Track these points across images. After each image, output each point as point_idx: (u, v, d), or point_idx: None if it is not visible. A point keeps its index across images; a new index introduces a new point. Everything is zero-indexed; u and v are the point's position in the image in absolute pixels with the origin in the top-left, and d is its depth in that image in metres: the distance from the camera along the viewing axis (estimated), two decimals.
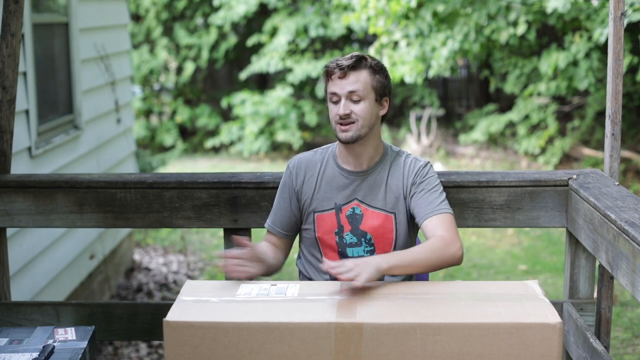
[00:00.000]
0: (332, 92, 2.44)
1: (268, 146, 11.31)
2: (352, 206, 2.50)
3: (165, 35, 12.46)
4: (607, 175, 2.84)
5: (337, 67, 2.42)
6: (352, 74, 2.41)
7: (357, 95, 2.41)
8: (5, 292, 3.04)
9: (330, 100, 2.45)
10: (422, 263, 2.30)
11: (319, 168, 2.55)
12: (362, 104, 2.42)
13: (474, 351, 1.99)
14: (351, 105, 2.41)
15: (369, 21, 8.29)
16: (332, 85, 2.43)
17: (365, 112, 2.42)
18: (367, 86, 2.42)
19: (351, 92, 2.41)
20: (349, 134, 2.42)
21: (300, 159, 2.59)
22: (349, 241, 2.50)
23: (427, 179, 2.49)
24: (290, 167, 2.59)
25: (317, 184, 2.53)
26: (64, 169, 4.95)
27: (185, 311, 2.09)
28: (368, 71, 2.43)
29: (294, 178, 2.56)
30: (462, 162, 10.80)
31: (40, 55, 4.81)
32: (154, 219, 2.95)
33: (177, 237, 7.36)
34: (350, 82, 2.41)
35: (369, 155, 2.50)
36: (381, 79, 2.46)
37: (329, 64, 2.45)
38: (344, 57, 2.44)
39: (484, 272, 6.16)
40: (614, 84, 2.78)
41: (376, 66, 2.45)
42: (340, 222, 2.50)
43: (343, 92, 2.41)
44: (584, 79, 8.22)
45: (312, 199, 2.53)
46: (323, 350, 2.00)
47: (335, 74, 2.42)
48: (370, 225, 2.49)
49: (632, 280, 2.21)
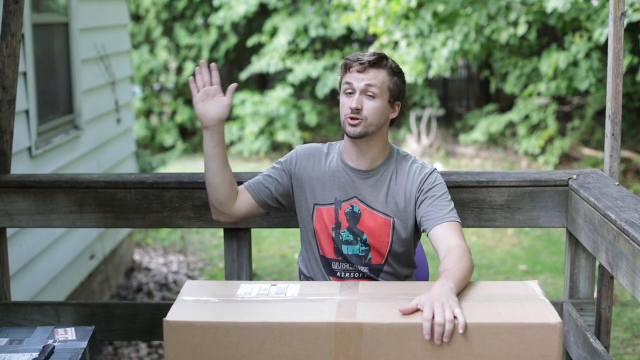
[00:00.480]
0: (347, 82, 2.41)
1: (268, 146, 11.31)
2: (352, 204, 2.48)
3: (165, 35, 12.47)
4: (607, 175, 2.84)
5: (357, 61, 2.40)
6: (371, 70, 2.39)
7: (372, 92, 2.39)
8: (5, 292, 3.04)
9: (344, 91, 2.42)
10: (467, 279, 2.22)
11: (324, 160, 2.53)
12: (375, 101, 2.40)
13: (473, 351, 1.99)
14: (364, 101, 2.39)
15: (369, 21, 8.29)
16: (349, 77, 2.41)
17: (376, 111, 2.40)
18: (383, 85, 2.40)
19: (368, 85, 2.38)
20: (357, 129, 2.40)
21: (308, 146, 2.58)
22: (345, 238, 2.49)
23: (435, 186, 2.45)
24: (298, 149, 2.58)
25: (320, 176, 2.51)
26: (64, 169, 4.95)
27: (185, 311, 2.09)
28: (387, 71, 2.41)
29: (297, 160, 2.54)
30: (462, 162, 10.80)
31: (40, 55, 4.81)
32: (154, 219, 2.95)
33: (177, 237, 7.37)
34: (368, 78, 2.39)
35: (374, 155, 2.48)
36: (398, 82, 2.44)
37: (349, 56, 2.43)
38: (366, 54, 2.43)
39: (484, 272, 6.16)
40: (614, 84, 2.78)
41: (395, 68, 2.44)
42: (338, 218, 2.48)
43: (359, 85, 2.39)
44: (584, 79, 8.22)
45: (313, 190, 2.51)
46: (323, 350, 2.00)
47: (355, 67, 2.40)
48: (367, 226, 2.48)
49: (632, 280, 2.21)
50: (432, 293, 2.06)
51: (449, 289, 2.09)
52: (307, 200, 2.52)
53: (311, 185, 2.51)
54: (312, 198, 2.51)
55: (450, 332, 1.97)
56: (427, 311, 1.99)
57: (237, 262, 2.96)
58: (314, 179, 2.51)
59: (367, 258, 2.50)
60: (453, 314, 1.99)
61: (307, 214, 2.53)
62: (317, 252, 2.53)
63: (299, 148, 2.59)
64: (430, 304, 2.01)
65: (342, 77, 2.45)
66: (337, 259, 2.51)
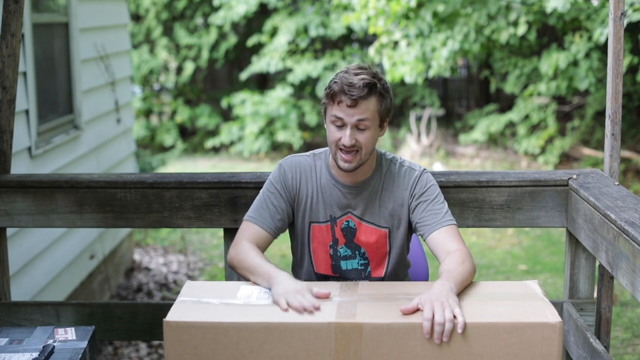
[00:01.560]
0: (337, 117, 2.30)
1: (268, 146, 11.31)
2: (347, 219, 2.45)
3: (165, 35, 12.46)
4: (607, 175, 2.84)
5: (347, 94, 2.26)
6: (362, 102, 2.28)
7: (364, 125, 2.30)
8: (5, 292, 3.04)
9: (333, 123, 2.32)
10: (467, 282, 2.22)
11: (314, 176, 2.46)
12: (367, 132, 2.31)
13: (473, 350, 1.99)
14: (357, 134, 2.30)
15: (369, 21, 8.29)
16: (338, 111, 2.30)
17: (369, 141, 2.33)
18: (374, 114, 2.31)
19: (359, 120, 2.29)
20: (352, 164, 2.33)
21: (293, 161, 2.48)
22: (344, 254, 2.47)
23: (427, 190, 2.42)
24: (284, 167, 2.47)
25: (314, 193, 2.45)
26: (64, 169, 4.95)
27: (185, 311, 2.09)
28: (377, 98, 2.31)
29: (289, 178, 2.46)
30: (462, 162, 10.80)
31: (40, 55, 4.81)
32: (154, 219, 2.95)
33: (177, 237, 7.37)
34: (360, 112, 2.28)
35: (364, 170, 2.42)
36: (387, 104, 2.34)
37: (336, 86, 2.29)
38: (354, 82, 2.27)
39: (484, 272, 6.16)
40: (614, 84, 2.78)
41: (384, 90, 2.33)
42: (335, 235, 2.45)
43: (351, 120, 2.29)
44: (584, 79, 8.22)
45: (308, 208, 2.45)
46: (323, 350, 2.00)
47: (343, 101, 2.28)
48: (363, 240, 2.45)
49: (632, 280, 2.21)
50: (432, 292, 2.06)
51: (449, 288, 2.09)
52: (303, 217, 2.47)
53: (306, 203, 2.46)
54: (308, 216, 2.46)
55: (449, 332, 1.97)
56: (427, 311, 1.99)
57: None
58: (307, 196, 2.46)
59: (367, 272, 2.49)
60: (453, 314, 1.99)
61: (302, 232, 2.48)
62: (312, 269, 2.51)
63: (283, 164, 2.48)
64: (431, 304, 2.01)
65: (329, 107, 2.34)
66: (335, 276, 2.49)
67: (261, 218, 2.43)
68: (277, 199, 2.45)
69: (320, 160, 2.49)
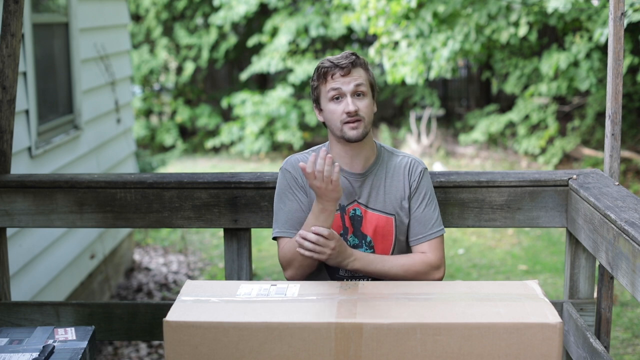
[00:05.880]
0: (334, 89, 2.38)
1: (268, 146, 11.31)
2: (354, 207, 2.47)
3: (165, 35, 12.47)
4: (607, 175, 2.84)
5: (336, 67, 2.38)
6: (353, 70, 2.39)
7: (361, 91, 2.39)
8: (5, 292, 3.04)
9: (332, 98, 2.39)
10: (393, 277, 2.39)
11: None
12: (365, 99, 2.40)
13: (473, 351, 1.99)
14: (356, 102, 2.38)
15: (369, 21, 8.28)
16: (333, 83, 2.38)
17: (369, 109, 2.42)
18: (367, 82, 2.42)
19: (356, 86, 2.38)
20: (359, 131, 2.39)
21: (294, 160, 2.51)
22: (352, 243, 2.48)
23: (424, 190, 2.48)
24: (288, 168, 2.50)
25: None
26: (64, 169, 4.95)
27: (185, 311, 2.09)
28: (363, 68, 2.43)
29: (297, 176, 2.48)
30: (462, 162, 10.80)
31: (40, 55, 4.81)
32: (154, 219, 2.95)
33: (177, 237, 7.37)
34: (354, 78, 2.38)
35: (366, 155, 2.47)
36: (372, 76, 2.47)
37: (324, 64, 2.40)
38: (338, 57, 2.40)
39: (484, 272, 6.16)
40: (614, 84, 2.78)
41: (366, 63, 2.45)
42: (345, 224, 2.47)
43: (348, 88, 2.37)
44: (585, 79, 8.22)
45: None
46: (323, 350, 2.00)
47: (336, 73, 2.38)
48: (370, 228, 2.47)
49: (632, 280, 2.21)
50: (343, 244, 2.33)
51: (346, 258, 2.34)
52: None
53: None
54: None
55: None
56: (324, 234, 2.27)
57: (237, 262, 2.96)
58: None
59: None
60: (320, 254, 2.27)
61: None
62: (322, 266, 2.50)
63: (284, 166, 2.52)
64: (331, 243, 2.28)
65: (322, 86, 2.41)
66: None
67: (292, 229, 2.46)
68: (293, 202, 2.47)
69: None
